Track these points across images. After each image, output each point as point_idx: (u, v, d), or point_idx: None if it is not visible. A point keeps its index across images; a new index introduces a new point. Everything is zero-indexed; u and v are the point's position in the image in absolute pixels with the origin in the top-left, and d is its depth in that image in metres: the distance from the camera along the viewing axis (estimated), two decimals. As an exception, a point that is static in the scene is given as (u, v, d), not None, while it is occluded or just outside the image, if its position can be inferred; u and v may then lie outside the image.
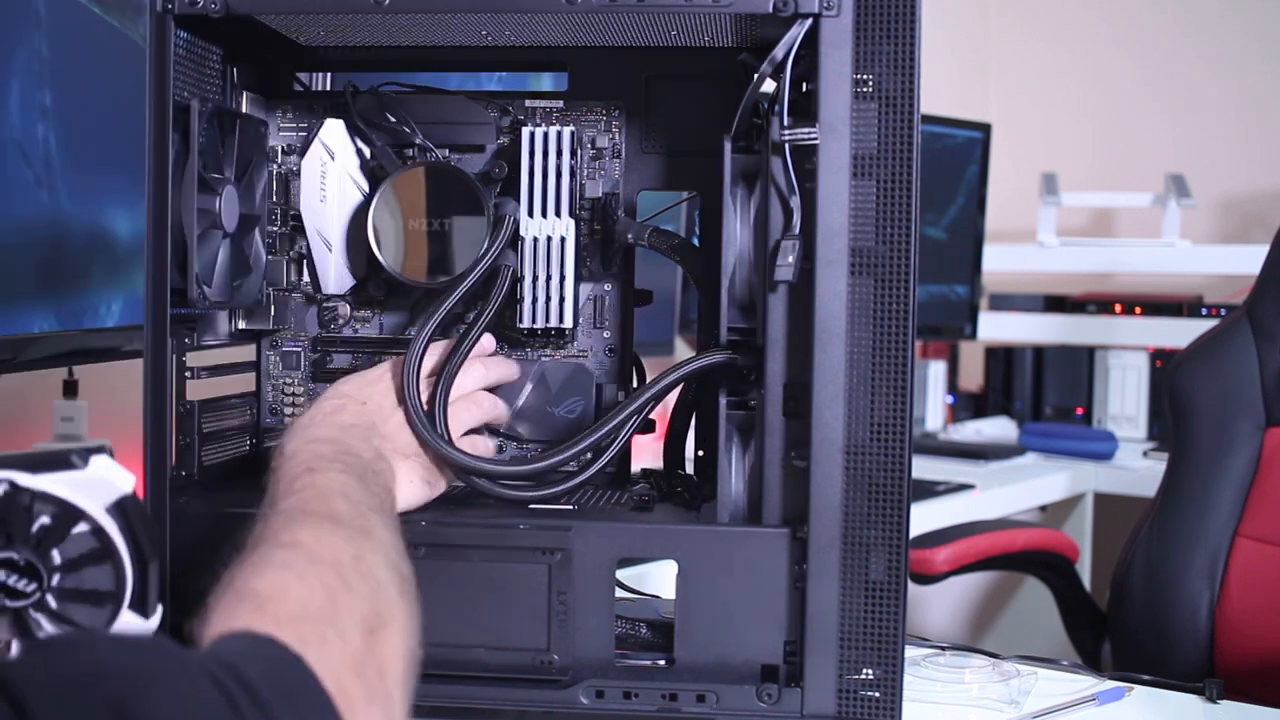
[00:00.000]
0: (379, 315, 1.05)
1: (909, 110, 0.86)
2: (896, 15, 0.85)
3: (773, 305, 0.89)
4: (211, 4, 0.89)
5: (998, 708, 1.02)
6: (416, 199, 0.99)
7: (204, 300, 0.92)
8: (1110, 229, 3.27)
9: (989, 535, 1.88)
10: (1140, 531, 1.69)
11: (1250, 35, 3.12)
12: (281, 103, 1.05)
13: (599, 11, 0.88)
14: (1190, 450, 1.66)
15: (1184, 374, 1.67)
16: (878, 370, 0.86)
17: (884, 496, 0.87)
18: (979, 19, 3.42)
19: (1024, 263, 2.95)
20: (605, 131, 1.03)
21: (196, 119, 0.90)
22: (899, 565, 0.87)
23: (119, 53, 1.42)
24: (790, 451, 0.89)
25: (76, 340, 1.39)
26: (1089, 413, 2.83)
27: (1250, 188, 3.10)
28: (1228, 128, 3.12)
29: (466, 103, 1.03)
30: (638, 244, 1.00)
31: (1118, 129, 3.27)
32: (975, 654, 1.10)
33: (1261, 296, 1.64)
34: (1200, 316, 2.72)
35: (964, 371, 3.06)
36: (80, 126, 1.37)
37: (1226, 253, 2.84)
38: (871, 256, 0.86)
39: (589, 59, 1.02)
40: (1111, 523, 2.50)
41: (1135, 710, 1.06)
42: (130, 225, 1.44)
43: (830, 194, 0.86)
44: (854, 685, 0.87)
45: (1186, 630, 1.60)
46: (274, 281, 1.04)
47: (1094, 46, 3.31)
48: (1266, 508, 1.60)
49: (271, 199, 1.04)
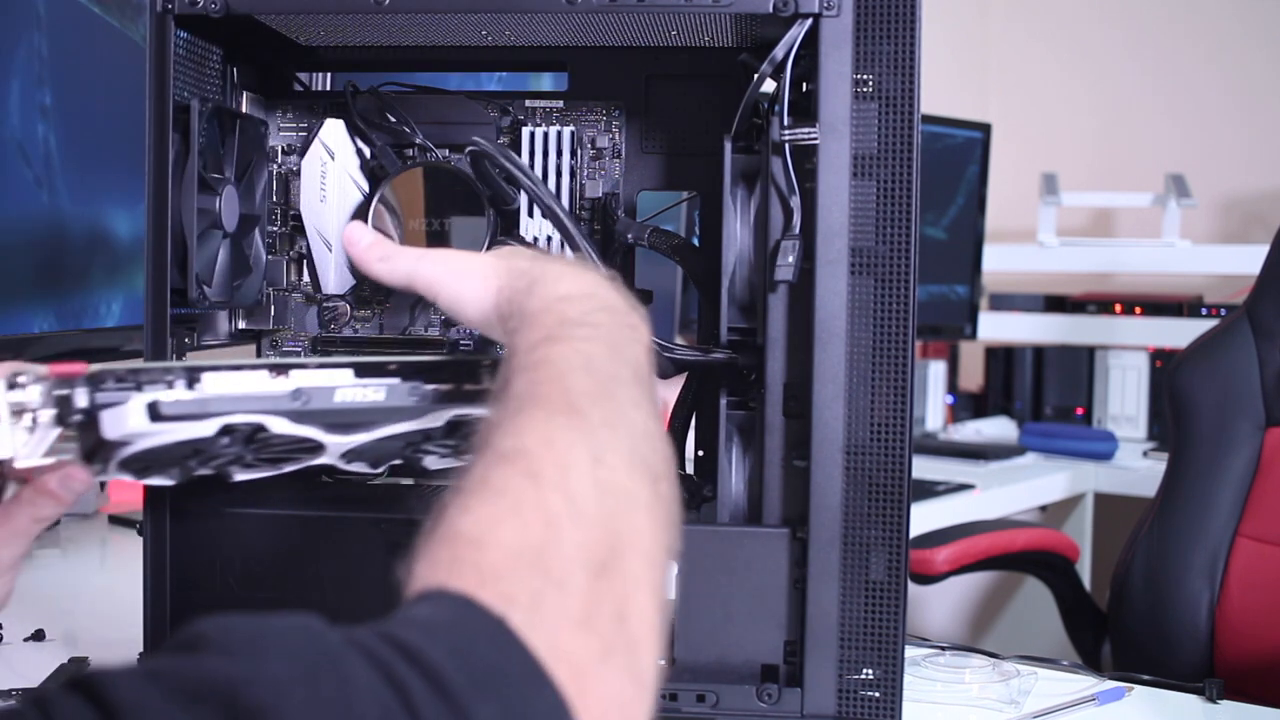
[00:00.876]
0: (379, 315, 1.05)
1: (909, 110, 0.86)
2: (896, 15, 0.85)
3: (773, 305, 0.89)
4: (211, 4, 0.89)
5: (998, 708, 1.02)
6: (416, 199, 0.99)
7: (204, 300, 0.92)
8: (1110, 229, 3.27)
9: (989, 535, 1.88)
10: (1140, 531, 1.69)
11: (1251, 35, 3.13)
12: (281, 103, 1.05)
13: (599, 11, 0.88)
14: (1190, 450, 1.66)
15: (1184, 374, 1.67)
16: (878, 370, 0.86)
17: (884, 496, 0.87)
18: (979, 19, 3.42)
19: (1024, 263, 2.95)
20: (605, 131, 1.03)
21: (196, 119, 0.90)
22: (899, 565, 0.87)
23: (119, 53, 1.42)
24: (790, 451, 0.89)
25: (76, 340, 1.39)
26: (1089, 413, 2.83)
27: (1250, 188, 3.10)
28: (1228, 128, 3.12)
29: (466, 103, 1.03)
30: (638, 244, 1.00)
31: (1118, 129, 3.27)
32: (975, 654, 1.11)
33: (1261, 296, 1.64)
34: (1200, 316, 2.72)
35: (964, 371, 3.06)
36: (80, 126, 1.37)
37: (1226, 253, 2.84)
38: (871, 256, 0.86)
39: (589, 59, 1.02)
40: (1111, 523, 2.50)
41: (1135, 710, 1.06)
42: (130, 225, 1.44)
43: (830, 194, 0.86)
44: (854, 685, 0.87)
45: (1186, 630, 1.61)
46: (274, 281, 1.04)
47: (1094, 46, 3.31)
48: (1266, 508, 1.61)
49: (271, 199, 1.04)
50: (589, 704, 0.47)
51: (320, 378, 0.75)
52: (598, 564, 0.52)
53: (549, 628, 0.48)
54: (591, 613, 0.50)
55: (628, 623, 0.51)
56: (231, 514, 0.94)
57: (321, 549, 0.93)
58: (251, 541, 0.94)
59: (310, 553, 0.93)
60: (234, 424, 0.72)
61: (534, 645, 0.47)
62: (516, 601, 0.48)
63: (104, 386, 0.69)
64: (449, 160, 1.02)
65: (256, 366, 0.73)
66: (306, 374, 0.74)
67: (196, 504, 0.93)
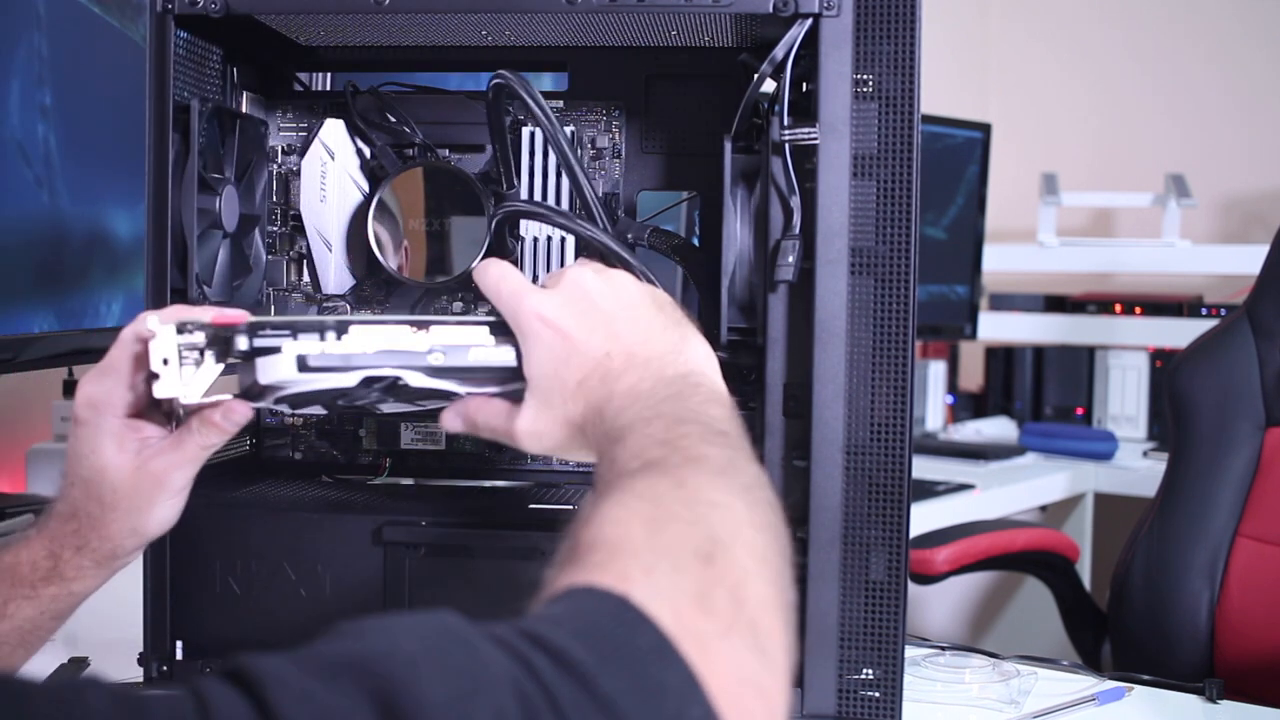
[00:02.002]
0: (379, 315, 1.05)
1: (909, 110, 0.86)
2: (896, 15, 0.85)
3: (773, 305, 0.89)
4: (211, 4, 0.89)
5: (998, 708, 1.02)
6: (416, 199, 0.99)
7: (204, 300, 0.92)
8: (1110, 229, 3.27)
9: (989, 535, 1.88)
10: (1140, 531, 1.69)
11: (1251, 35, 3.13)
12: (281, 103, 1.05)
13: (599, 11, 0.88)
14: (1190, 450, 1.66)
15: (1184, 374, 1.67)
16: (878, 370, 0.86)
17: (884, 496, 0.87)
18: (979, 19, 3.42)
19: (1024, 263, 2.95)
20: (605, 131, 1.03)
21: (196, 119, 0.90)
22: (899, 565, 0.87)
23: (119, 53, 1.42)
24: (790, 451, 0.89)
25: (76, 340, 1.39)
26: (1089, 413, 2.83)
27: (1250, 188, 3.10)
28: (1228, 128, 3.12)
29: (466, 103, 1.03)
30: (638, 244, 1.00)
31: (1118, 129, 3.27)
32: (975, 654, 1.10)
33: (1261, 296, 1.64)
34: (1200, 316, 2.72)
35: (964, 371, 3.06)
36: (80, 126, 1.37)
37: (1226, 253, 2.84)
38: (871, 256, 0.86)
39: (589, 59, 1.02)
40: (1111, 523, 2.50)
41: (1135, 710, 1.06)
42: (130, 225, 1.44)
43: (830, 194, 0.86)
44: (854, 685, 0.87)
45: (1186, 630, 1.60)
46: (274, 281, 1.04)
47: (1094, 46, 3.31)
48: (1266, 508, 1.60)
49: (271, 199, 1.04)
50: (717, 677, 0.48)
51: (458, 335, 0.78)
52: (703, 554, 0.53)
53: (669, 602, 0.49)
54: (708, 593, 0.51)
55: (745, 606, 0.52)
56: (231, 514, 0.94)
57: (321, 549, 0.93)
58: (251, 541, 0.94)
59: (310, 553, 0.93)
60: (374, 376, 0.77)
61: (656, 617, 0.48)
62: (633, 580, 0.50)
63: (262, 333, 0.75)
64: (449, 160, 1.02)
65: (400, 322, 0.78)
66: (445, 330, 0.78)
67: (196, 504, 0.93)
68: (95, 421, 0.78)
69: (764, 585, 0.54)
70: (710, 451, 0.63)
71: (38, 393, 1.61)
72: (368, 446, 1.06)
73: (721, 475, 0.61)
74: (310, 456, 1.07)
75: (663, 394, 0.70)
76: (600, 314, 0.74)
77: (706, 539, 0.54)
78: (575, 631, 0.47)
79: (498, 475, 1.05)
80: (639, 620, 0.48)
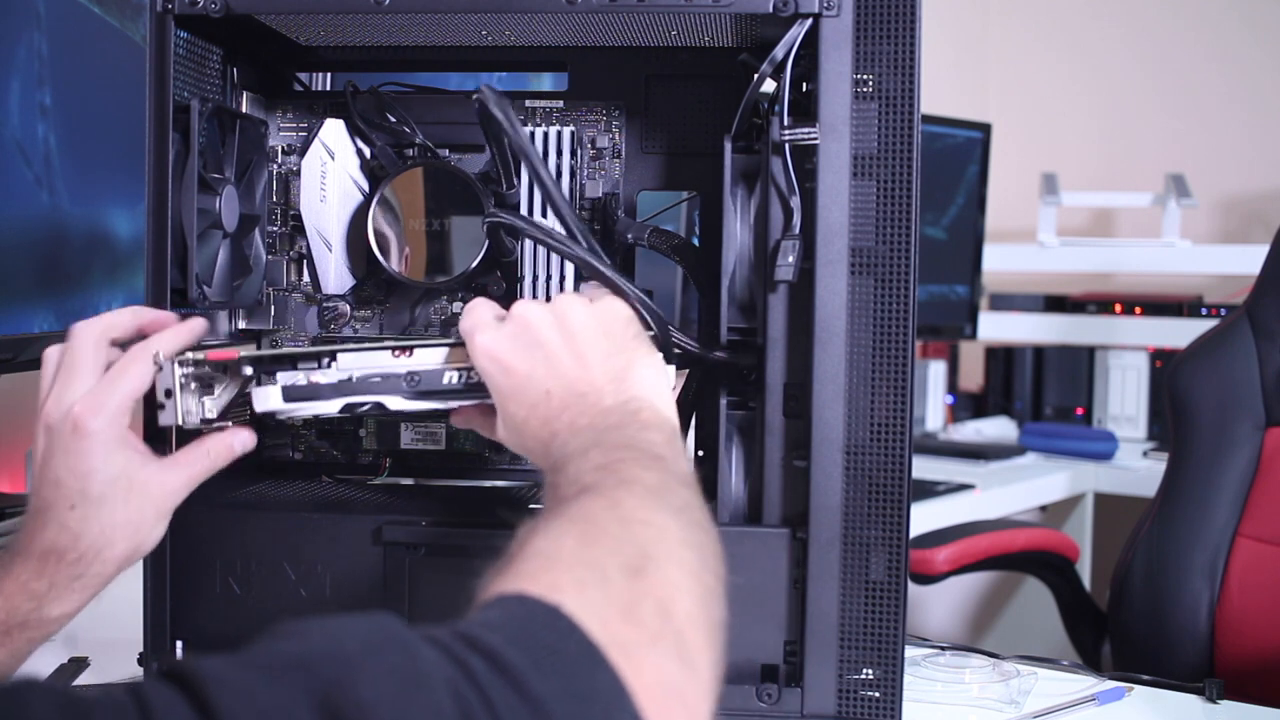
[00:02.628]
0: (379, 315, 1.05)
1: (909, 110, 0.86)
2: (896, 15, 0.85)
3: (773, 305, 0.89)
4: (211, 4, 0.89)
5: (998, 708, 1.02)
6: (416, 199, 0.99)
7: (204, 300, 0.92)
8: (1110, 229, 3.27)
9: (989, 535, 1.88)
10: (1140, 531, 1.69)
11: (1251, 34, 3.12)
12: (281, 103, 1.05)
13: (599, 11, 0.88)
14: (1190, 450, 1.66)
15: (1184, 374, 1.67)
16: (878, 370, 0.86)
17: (884, 496, 0.87)
18: (979, 19, 3.42)
19: (1024, 263, 2.95)
20: (605, 131, 1.03)
21: (196, 119, 0.90)
22: (899, 565, 0.87)
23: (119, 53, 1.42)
24: (790, 451, 0.89)
25: (76, 340, 1.38)
26: (1089, 413, 2.83)
27: (1250, 188, 3.10)
28: (1228, 127, 3.12)
29: (466, 103, 1.03)
30: (638, 244, 1.00)
31: (1118, 129, 3.27)
32: (975, 654, 1.10)
33: (1261, 296, 1.64)
34: (1200, 316, 2.72)
35: (964, 371, 3.06)
36: (80, 126, 1.37)
37: (1226, 253, 2.84)
38: (871, 256, 0.86)
39: (589, 59, 1.02)
40: (1111, 523, 2.50)
41: (1135, 710, 1.06)
42: (130, 225, 1.44)
43: (830, 194, 0.86)
44: (854, 685, 0.87)
45: (1186, 630, 1.60)
46: (274, 281, 1.04)
47: (1094, 46, 3.31)
48: (1266, 508, 1.60)
49: (271, 199, 1.04)
50: (642, 684, 0.50)
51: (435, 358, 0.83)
52: (633, 568, 0.56)
53: (598, 612, 0.51)
54: (634, 604, 0.54)
55: (673, 619, 0.55)
56: (231, 514, 0.94)
57: (321, 549, 0.93)
58: (251, 541, 0.94)
59: (310, 553, 0.93)
60: (354, 403, 0.82)
61: (588, 627, 0.50)
62: (565, 590, 0.52)
63: (260, 368, 0.83)
64: (449, 160, 1.02)
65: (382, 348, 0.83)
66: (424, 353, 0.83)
67: (196, 504, 0.93)
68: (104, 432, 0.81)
69: (692, 601, 0.57)
70: (644, 475, 0.66)
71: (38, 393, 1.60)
72: (368, 446, 1.06)
73: (655, 496, 0.64)
74: (310, 456, 1.07)
75: (601, 425, 0.73)
76: (542, 350, 0.77)
77: (637, 554, 0.57)
78: (509, 637, 0.49)
79: (498, 475, 1.05)
80: (569, 628, 0.50)
